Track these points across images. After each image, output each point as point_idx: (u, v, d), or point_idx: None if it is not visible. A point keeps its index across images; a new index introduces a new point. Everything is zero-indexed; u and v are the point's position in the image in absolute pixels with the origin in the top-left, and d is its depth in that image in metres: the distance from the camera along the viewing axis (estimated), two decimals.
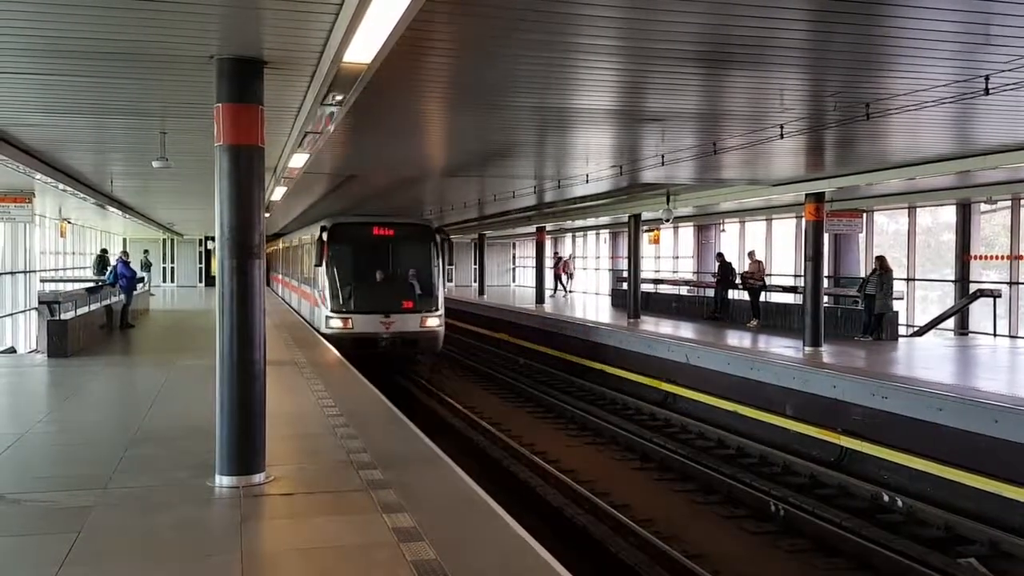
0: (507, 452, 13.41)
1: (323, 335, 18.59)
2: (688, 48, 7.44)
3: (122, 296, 20.86)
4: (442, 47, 7.31)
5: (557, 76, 8.53)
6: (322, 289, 19.14)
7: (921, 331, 20.79)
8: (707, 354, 17.07)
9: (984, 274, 21.50)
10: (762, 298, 22.08)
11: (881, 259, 18.32)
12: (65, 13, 5.94)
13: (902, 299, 21.91)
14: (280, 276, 36.77)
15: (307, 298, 22.93)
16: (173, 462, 7.75)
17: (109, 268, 23.58)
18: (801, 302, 18.78)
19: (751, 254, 22.91)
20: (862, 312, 18.62)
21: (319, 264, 18.68)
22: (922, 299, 23.78)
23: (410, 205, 26.60)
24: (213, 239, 7.64)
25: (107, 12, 5.90)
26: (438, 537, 5.71)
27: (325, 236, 18.73)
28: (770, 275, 23.61)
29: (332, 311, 18.58)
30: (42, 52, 7.06)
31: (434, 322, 18.92)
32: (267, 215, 17.91)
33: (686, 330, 20.98)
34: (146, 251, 39.38)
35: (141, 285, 26.52)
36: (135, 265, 24.65)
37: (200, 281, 45.59)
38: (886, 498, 10.65)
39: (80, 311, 17.44)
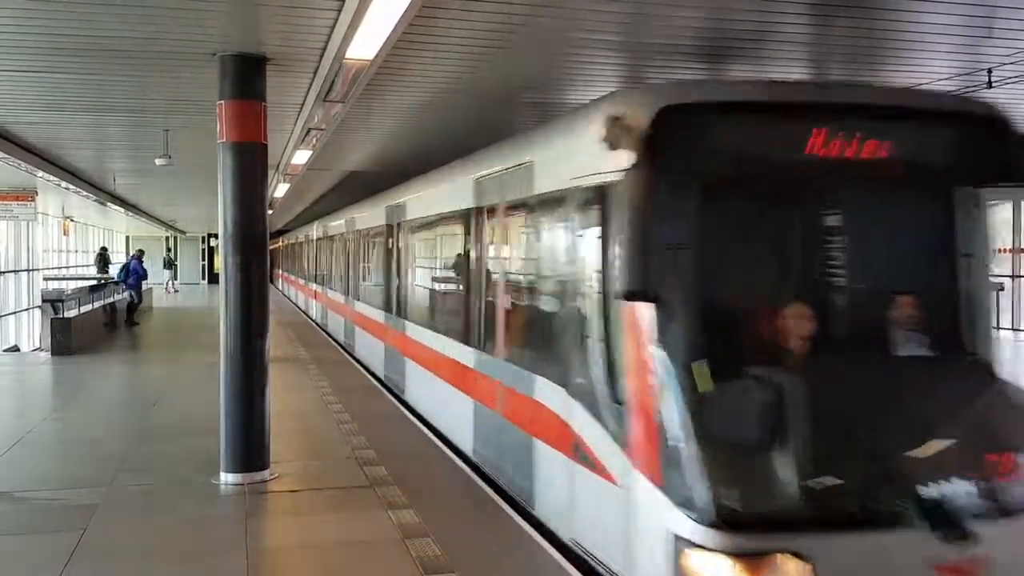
0: None
1: None
2: (687, 43, 7.43)
3: (127, 293, 20.91)
4: (443, 43, 7.31)
5: (557, 72, 8.53)
6: (637, 408, 4.39)
7: None
8: None
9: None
10: None
11: None
12: (67, 11, 5.94)
13: None
14: (325, 292, 19.82)
15: (508, 405, 6.57)
16: (178, 460, 7.75)
17: (119, 266, 23.51)
18: None
19: None
20: None
21: (634, 293, 4.03)
22: None
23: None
24: (216, 236, 7.67)
25: (109, 9, 5.90)
26: (443, 533, 5.70)
27: (642, 169, 4.09)
28: None
29: (710, 522, 3.83)
30: (44, 50, 7.06)
31: None
32: (270, 212, 17.88)
33: None
34: (169, 249, 40.08)
35: (145, 283, 26.72)
36: (149, 264, 24.66)
37: (203, 278, 45.67)
38: None
39: (84, 309, 17.46)
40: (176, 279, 39.01)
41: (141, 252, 22.25)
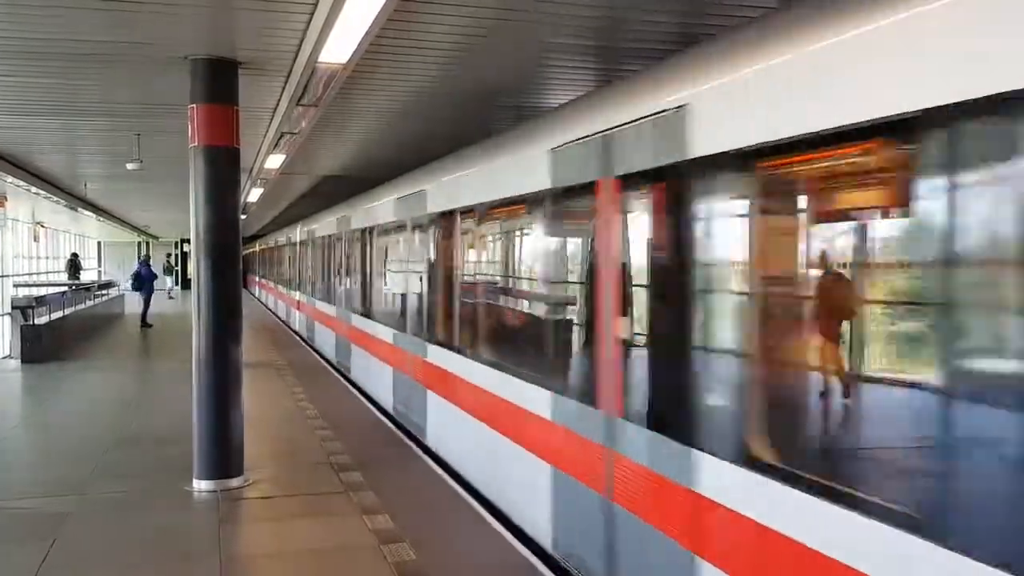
0: None
1: None
2: (660, 46, 7.46)
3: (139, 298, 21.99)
4: (416, 47, 7.29)
5: (532, 74, 8.54)
6: None
7: None
8: None
9: None
10: None
11: None
12: (36, 13, 5.86)
13: None
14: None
15: None
16: (151, 467, 7.69)
17: (94, 271, 24.09)
18: None
19: None
20: None
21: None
22: None
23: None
24: (189, 241, 7.64)
25: (79, 12, 5.83)
26: (418, 538, 5.69)
27: None
28: None
29: None
30: (12, 53, 6.95)
31: None
32: (243, 216, 17.77)
33: None
34: (168, 255, 40.45)
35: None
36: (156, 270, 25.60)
37: (176, 284, 45.34)
38: None
39: (55, 315, 17.23)
40: (175, 285, 39.69)
41: (148, 257, 22.87)
